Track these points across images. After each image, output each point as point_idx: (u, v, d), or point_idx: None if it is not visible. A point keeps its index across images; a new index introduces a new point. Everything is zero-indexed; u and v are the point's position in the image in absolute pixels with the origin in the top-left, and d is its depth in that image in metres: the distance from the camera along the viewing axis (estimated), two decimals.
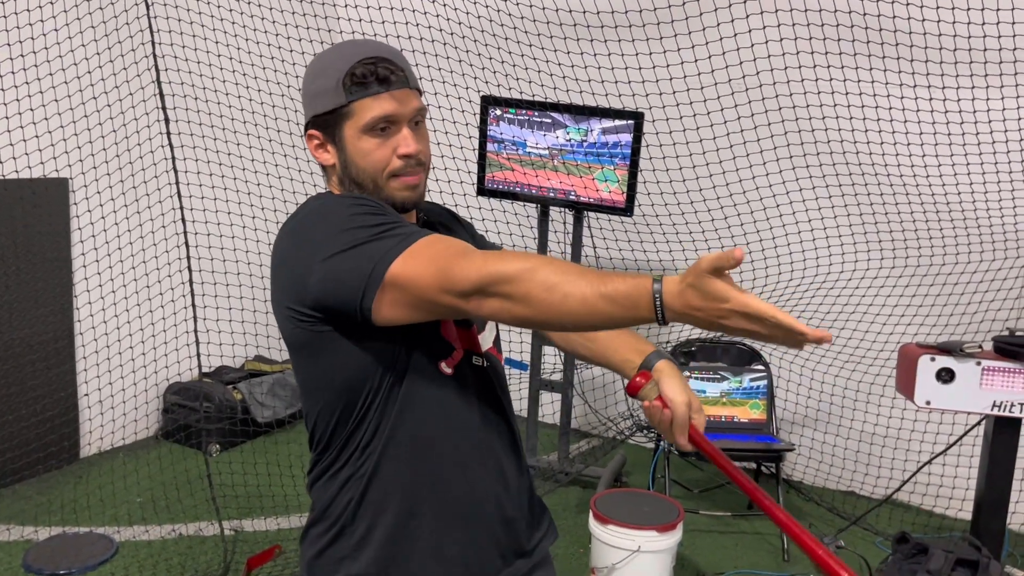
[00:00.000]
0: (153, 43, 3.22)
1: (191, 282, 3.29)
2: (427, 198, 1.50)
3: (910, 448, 3.74)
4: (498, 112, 3.74)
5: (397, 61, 1.37)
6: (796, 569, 3.36)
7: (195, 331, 3.27)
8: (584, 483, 3.97)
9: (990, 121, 3.32)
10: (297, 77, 4.30)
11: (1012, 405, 2.75)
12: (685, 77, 3.64)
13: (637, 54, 3.68)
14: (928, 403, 2.78)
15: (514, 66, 3.99)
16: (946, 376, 2.76)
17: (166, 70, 3.49)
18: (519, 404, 4.07)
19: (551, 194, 3.73)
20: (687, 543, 3.52)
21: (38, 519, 3.45)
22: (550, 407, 4.41)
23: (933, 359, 2.76)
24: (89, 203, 3.73)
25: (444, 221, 1.56)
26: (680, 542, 3.28)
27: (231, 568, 3.13)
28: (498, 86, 4.04)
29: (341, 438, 1.35)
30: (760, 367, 3.78)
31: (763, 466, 3.84)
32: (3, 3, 3.16)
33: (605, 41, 3.80)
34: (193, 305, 3.28)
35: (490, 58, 4.00)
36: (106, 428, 4.01)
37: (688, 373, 3.72)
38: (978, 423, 2.99)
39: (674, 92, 3.67)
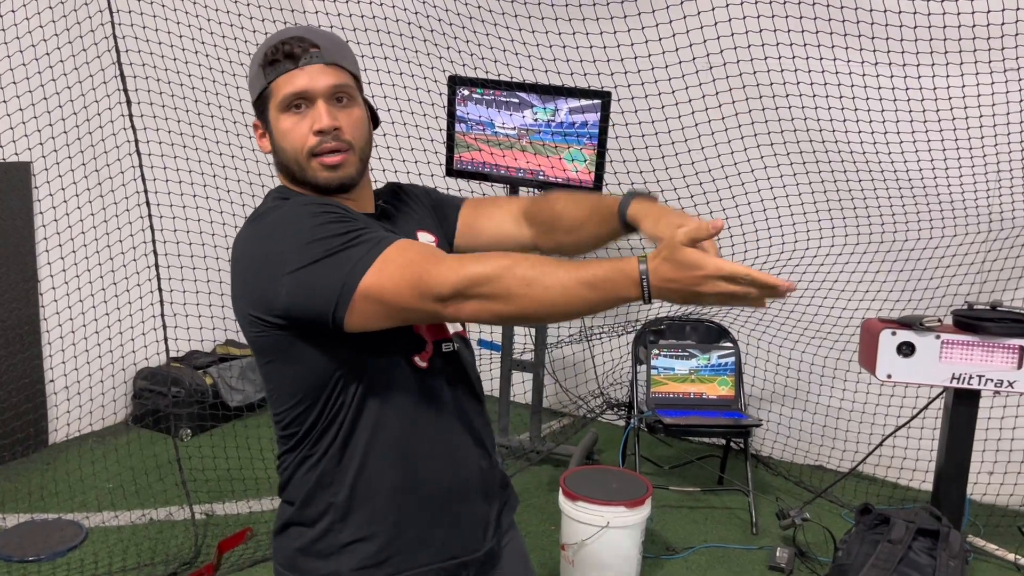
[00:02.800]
0: (113, 24, 3.17)
1: (157, 266, 3.27)
2: (396, 180, 1.51)
3: (875, 422, 3.81)
4: (465, 92, 3.72)
5: (312, 38, 1.35)
6: (764, 542, 3.42)
7: (162, 315, 3.24)
8: (556, 462, 4.01)
9: (950, 98, 3.37)
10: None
11: (970, 377, 2.80)
12: (650, 56, 3.64)
13: (603, 32, 3.68)
14: (889, 376, 2.83)
15: (479, 45, 3.97)
16: (906, 350, 2.81)
17: (127, 51, 3.44)
18: (491, 384, 4.09)
19: (520, 174, 3.73)
20: (657, 519, 3.56)
21: (5, 506, 3.43)
22: (521, 387, 4.43)
23: (894, 333, 2.81)
24: (51, 187, 3.68)
25: (398, 202, 1.54)
26: (650, 518, 3.31)
27: (202, 552, 3.13)
28: (463, 66, 4.03)
29: (314, 436, 1.35)
30: (728, 344, 3.82)
31: (732, 442, 3.88)
32: None
33: (571, 20, 3.79)
34: (160, 289, 3.25)
35: (455, 38, 3.99)
36: (74, 414, 3.97)
37: (657, 351, 3.76)
38: (938, 396, 3.05)
39: (639, 71, 3.68)
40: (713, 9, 3.48)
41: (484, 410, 1.52)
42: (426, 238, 1.51)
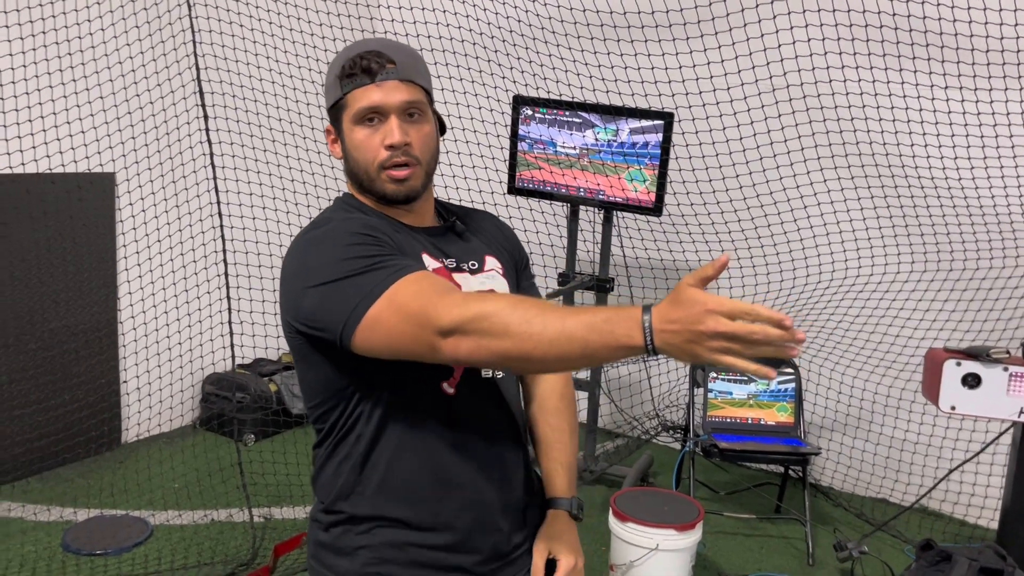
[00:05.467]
0: (195, 43, 3.32)
1: (226, 275, 3.39)
2: (461, 198, 1.55)
3: (941, 455, 3.69)
4: (529, 112, 3.77)
5: (389, 53, 1.39)
6: (820, 574, 3.34)
7: (230, 323, 3.36)
8: (610, 482, 3.99)
9: None
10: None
11: None
12: (713, 77, 3.64)
13: (665, 54, 3.69)
14: (953, 408, 2.75)
15: (541, 66, 4.02)
16: (972, 381, 2.72)
17: (206, 68, 3.60)
18: None
19: (580, 193, 3.76)
20: (711, 544, 3.52)
21: (78, 501, 3.58)
22: (577, 405, 4.43)
23: (959, 364, 2.73)
24: (131, 196, 3.86)
25: (481, 224, 1.56)
26: (702, 543, 3.27)
27: (259, 554, 3.21)
28: (525, 85, 4.08)
29: (337, 436, 1.41)
30: (789, 370, 3.75)
31: (791, 470, 3.81)
32: (52, 2, 3.29)
33: (634, 42, 3.81)
34: (228, 298, 3.37)
35: (519, 59, 4.04)
36: (145, 415, 4.13)
37: (715, 374, 3.72)
38: (1006, 431, 2.95)
39: (702, 92, 3.67)
40: (778, 32, 3.45)
41: (521, 442, 1.51)
42: (493, 263, 1.52)
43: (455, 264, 1.46)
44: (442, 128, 1.50)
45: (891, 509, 3.84)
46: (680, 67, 3.67)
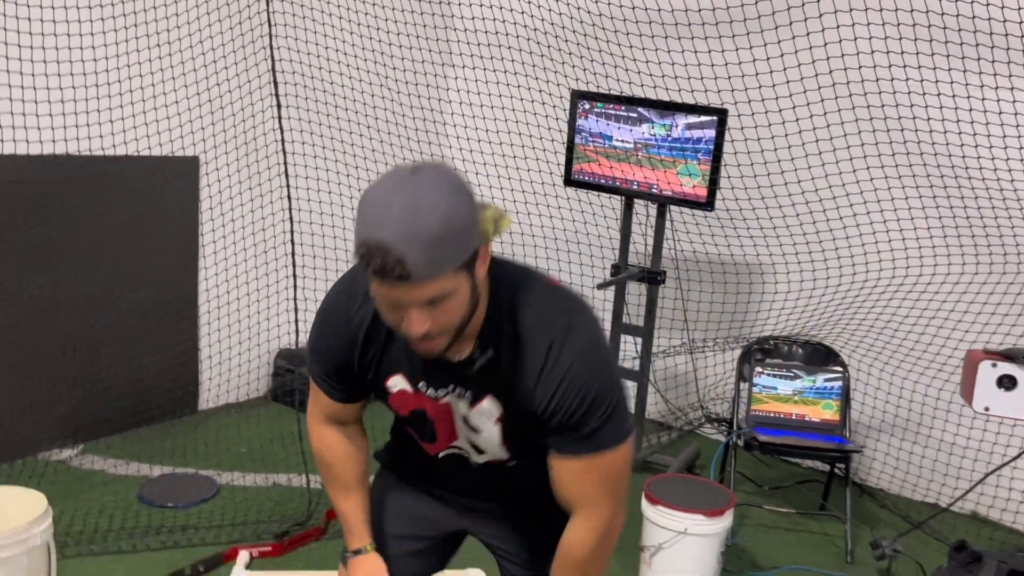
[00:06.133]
0: (271, 35, 3.55)
1: (293, 255, 3.61)
2: (518, 188, 1.67)
3: (991, 461, 3.63)
4: (587, 106, 3.88)
5: (404, 251, 1.19)
6: (857, 572, 3.35)
7: (295, 300, 3.58)
8: (655, 470, 4.05)
9: None
10: (404, 71, 4.59)
11: None
12: (772, 72, 3.67)
13: (723, 51, 3.75)
14: (987, 409, 2.74)
15: (602, 64, 4.11)
16: (1007, 383, 2.71)
17: (280, 60, 3.84)
18: None
19: (634, 187, 3.84)
20: (750, 537, 3.56)
21: (154, 459, 3.88)
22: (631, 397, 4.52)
23: (995, 365, 2.72)
24: (208, 179, 4.14)
25: (507, 371, 1.42)
26: (736, 532, 3.33)
27: (313, 516, 3.43)
28: (576, 80, 4.18)
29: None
30: (837, 368, 3.76)
31: (836, 467, 3.81)
32: None
33: (694, 39, 3.87)
34: (294, 276, 3.60)
35: (580, 56, 4.15)
36: (221, 385, 4.42)
37: (760, 369, 3.75)
38: None
39: (760, 88, 3.71)
40: (838, 27, 3.47)
41: (507, 478, 1.64)
42: (490, 405, 1.48)
43: (441, 394, 1.49)
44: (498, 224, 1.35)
45: (944, 515, 3.80)
46: (738, 63, 3.72)
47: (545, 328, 1.39)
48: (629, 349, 4.19)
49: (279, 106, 3.50)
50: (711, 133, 3.64)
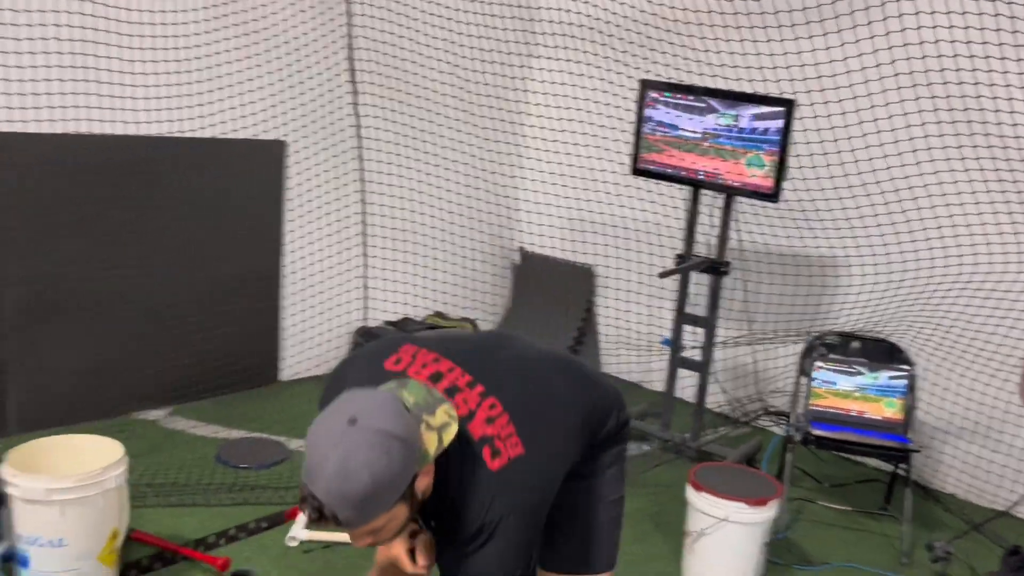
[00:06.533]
0: (349, 24, 3.73)
1: (365, 235, 3.79)
2: (590, 177, 1.80)
3: None
4: (655, 95, 3.90)
5: (335, 508, 1.38)
6: (911, 574, 3.29)
7: (365, 279, 3.77)
8: (714, 460, 4.07)
9: None
10: (482, 58, 4.70)
11: None
12: (846, 59, 3.62)
13: (796, 38, 3.71)
14: None
15: (673, 55, 4.12)
16: None
17: (358, 48, 4.02)
18: (659, 377, 4.22)
19: (700, 176, 3.85)
20: (805, 533, 3.54)
21: (233, 423, 4.14)
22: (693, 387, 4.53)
23: None
24: (289, 160, 4.38)
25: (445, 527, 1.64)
26: (789, 526, 3.33)
27: None
28: (636, 69, 4.20)
29: None
30: (903, 366, 3.67)
31: (900, 467, 3.73)
32: None
33: (765, 28, 3.84)
34: (365, 255, 3.78)
35: (649, 48, 4.17)
36: (301, 359, 4.67)
37: (820, 364, 3.71)
38: None
39: (834, 75, 3.66)
40: (916, 13, 3.39)
41: None
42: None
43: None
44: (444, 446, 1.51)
45: (1012, 522, 3.68)
46: (811, 50, 3.68)
47: (477, 516, 1.56)
48: (693, 340, 4.20)
49: (355, 92, 3.68)
50: (778, 124, 3.62)
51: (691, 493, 3.09)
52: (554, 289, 5.46)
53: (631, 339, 4.94)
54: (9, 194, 3.60)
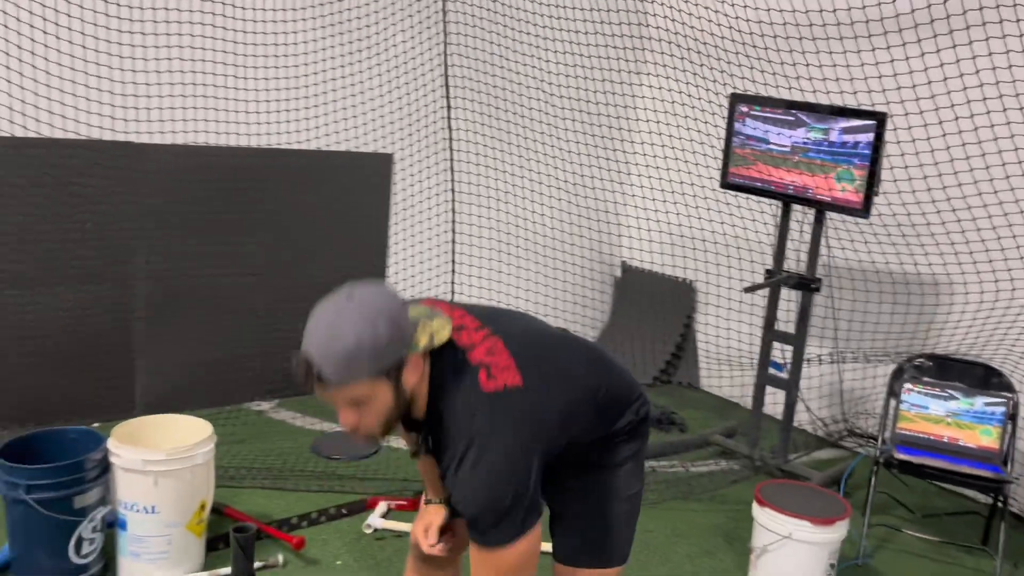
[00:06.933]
0: (445, 43, 3.93)
1: (453, 242, 3.97)
2: (690, 192, 2.02)
3: None
4: (745, 109, 3.89)
5: (320, 365, 1.53)
6: None
7: (452, 283, 3.94)
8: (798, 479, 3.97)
9: None
10: (587, 79, 4.81)
11: None
12: (943, 68, 3.49)
13: (889, 46, 3.60)
14: None
15: (761, 71, 4.09)
16: None
17: (452, 65, 4.22)
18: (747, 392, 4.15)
19: (789, 191, 3.80)
20: (887, 560, 3.41)
21: (329, 417, 4.39)
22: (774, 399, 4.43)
23: None
24: (386, 171, 4.64)
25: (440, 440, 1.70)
26: (871, 553, 3.23)
27: None
28: (744, 80, 4.16)
29: None
30: (1004, 392, 3.48)
31: (999, 500, 3.53)
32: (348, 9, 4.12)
33: (856, 38, 3.75)
34: (453, 259, 3.95)
35: (737, 64, 4.14)
36: None
37: (911, 386, 3.57)
38: None
39: (929, 84, 3.54)
40: (1017, 21, 3.24)
41: None
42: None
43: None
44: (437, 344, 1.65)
45: None
46: (904, 58, 3.58)
47: (463, 433, 1.63)
48: (781, 357, 4.12)
49: (448, 107, 3.87)
50: (868, 137, 3.53)
51: (756, 508, 3.06)
52: (654, 303, 5.47)
53: (730, 356, 4.88)
54: (142, 198, 4.00)
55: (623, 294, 5.75)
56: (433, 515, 2.07)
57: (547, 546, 1.98)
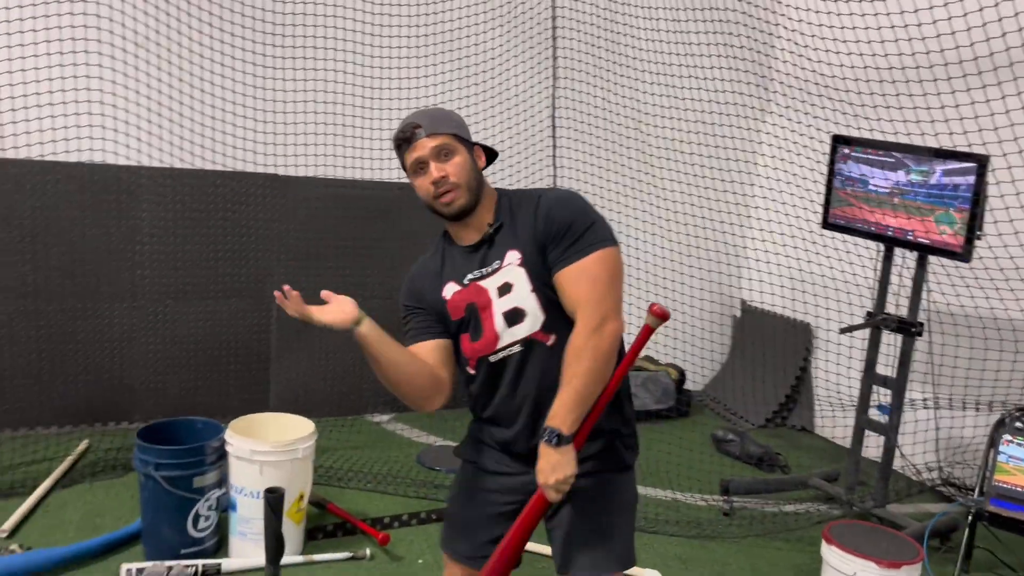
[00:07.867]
0: (554, 86, 4.21)
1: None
2: (795, 230, 2.61)
3: None
4: (846, 150, 3.90)
5: (417, 120, 1.97)
6: None
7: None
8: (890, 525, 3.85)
9: None
10: (711, 113, 4.92)
11: None
12: None
13: (986, 88, 3.53)
14: None
15: (863, 106, 4.07)
16: None
17: (557, 88, 4.49)
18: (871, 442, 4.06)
19: (889, 232, 3.76)
20: None
21: (438, 432, 4.71)
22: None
23: None
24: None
25: (509, 222, 1.99)
26: None
27: None
28: (868, 120, 4.15)
29: None
30: None
31: None
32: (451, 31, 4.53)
33: (963, 77, 3.68)
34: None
35: (839, 100, 4.14)
36: None
37: (1010, 438, 3.42)
38: None
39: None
40: None
41: (539, 400, 1.98)
42: (513, 256, 1.97)
43: (480, 274, 2.00)
44: (492, 155, 2.08)
45: None
46: (999, 100, 3.48)
47: (533, 193, 2.02)
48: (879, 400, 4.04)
49: (554, 146, 4.13)
50: (969, 180, 3.46)
51: (824, 547, 3.06)
52: (772, 344, 5.44)
53: (842, 400, 4.79)
54: (281, 224, 4.52)
55: (742, 333, 5.75)
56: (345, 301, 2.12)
57: (547, 549, 2.14)
